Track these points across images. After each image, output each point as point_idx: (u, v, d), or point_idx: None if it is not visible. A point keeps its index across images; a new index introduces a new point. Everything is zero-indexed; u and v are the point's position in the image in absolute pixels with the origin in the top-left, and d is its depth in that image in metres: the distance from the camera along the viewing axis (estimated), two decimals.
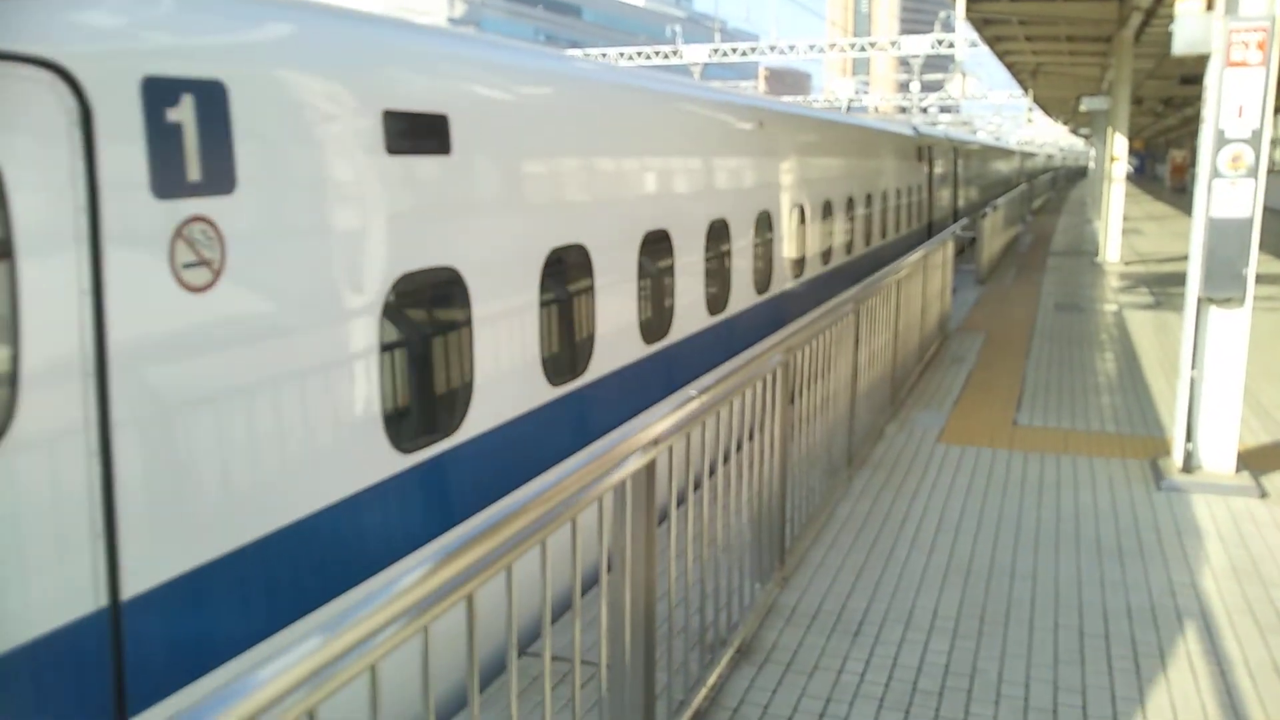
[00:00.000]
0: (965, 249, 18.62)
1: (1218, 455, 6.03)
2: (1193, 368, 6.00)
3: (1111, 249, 18.33)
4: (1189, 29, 5.66)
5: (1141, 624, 4.25)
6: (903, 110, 78.30)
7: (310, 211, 3.60)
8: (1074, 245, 22.09)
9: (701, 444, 3.70)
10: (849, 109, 58.53)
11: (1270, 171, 37.58)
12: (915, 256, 8.44)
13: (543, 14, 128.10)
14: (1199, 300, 5.95)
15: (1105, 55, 24.27)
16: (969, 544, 5.14)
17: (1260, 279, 6.01)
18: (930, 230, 18.47)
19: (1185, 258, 6.13)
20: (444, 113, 4.32)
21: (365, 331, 3.82)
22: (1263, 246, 5.63)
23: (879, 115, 61.90)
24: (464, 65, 4.86)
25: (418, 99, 4.20)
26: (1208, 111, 5.70)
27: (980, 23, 20.77)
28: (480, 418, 4.53)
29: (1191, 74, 18.78)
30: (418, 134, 4.16)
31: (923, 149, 18.20)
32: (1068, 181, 66.58)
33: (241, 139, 3.24)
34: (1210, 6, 5.60)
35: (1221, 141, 5.65)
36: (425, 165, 4.21)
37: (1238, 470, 6.02)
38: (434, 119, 4.27)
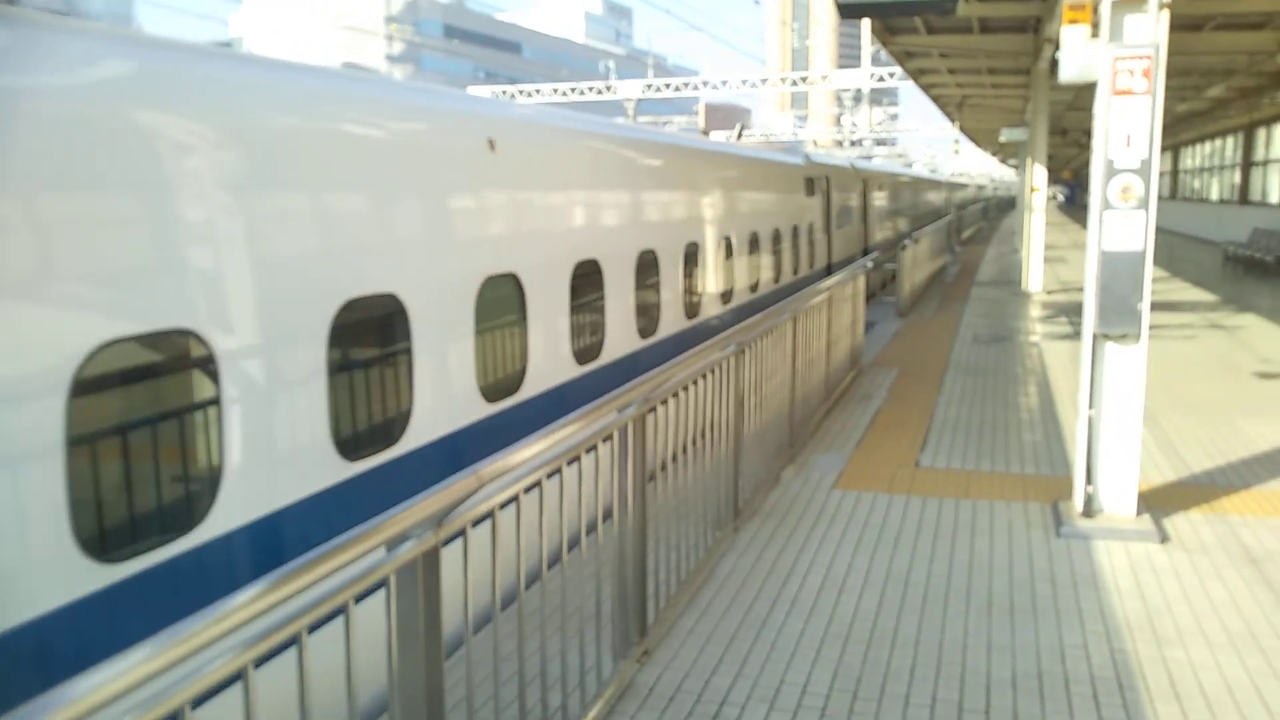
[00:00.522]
0: (888, 282, 18.51)
1: (1118, 498, 5.75)
2: (1090, 407, 5.73)
3: (1034, 278, 18.34)
4: (1074, 57, 5.44)
5: (1025, 694, 3.90)
6: (839, 144, 79.39)
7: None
8: (1000, 275, 22.15)
9: (539, 513, 3.34)
10: (783, 142, 59.09)
11: (1185, 199, 38.56)
12: (820, 293, 8.16)
13: (482, 51, 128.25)
14: (1094, 336, 5.70)
15: (1026, 87, 24.55)
16: (852, 605, 4.77)
17: (1174, 306, 5.77)
18: (830, 272, 15.13)
19: None
20: None
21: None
22: (1178, 273, 5.43)
23: (818, 148, 62.52)
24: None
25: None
26: (1097, 142, 5.48)
27: (902, 55, 20.81)
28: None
29: None
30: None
31: (815, 180, 15.37)
32: (999, 211, 67.66)
33: None
34: (1095, 34, 5.38)
35: (1111, 172, 5.42)
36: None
37: (1139, 513, 5.74)
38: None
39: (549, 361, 6.40)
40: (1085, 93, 24.73)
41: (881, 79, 42.56)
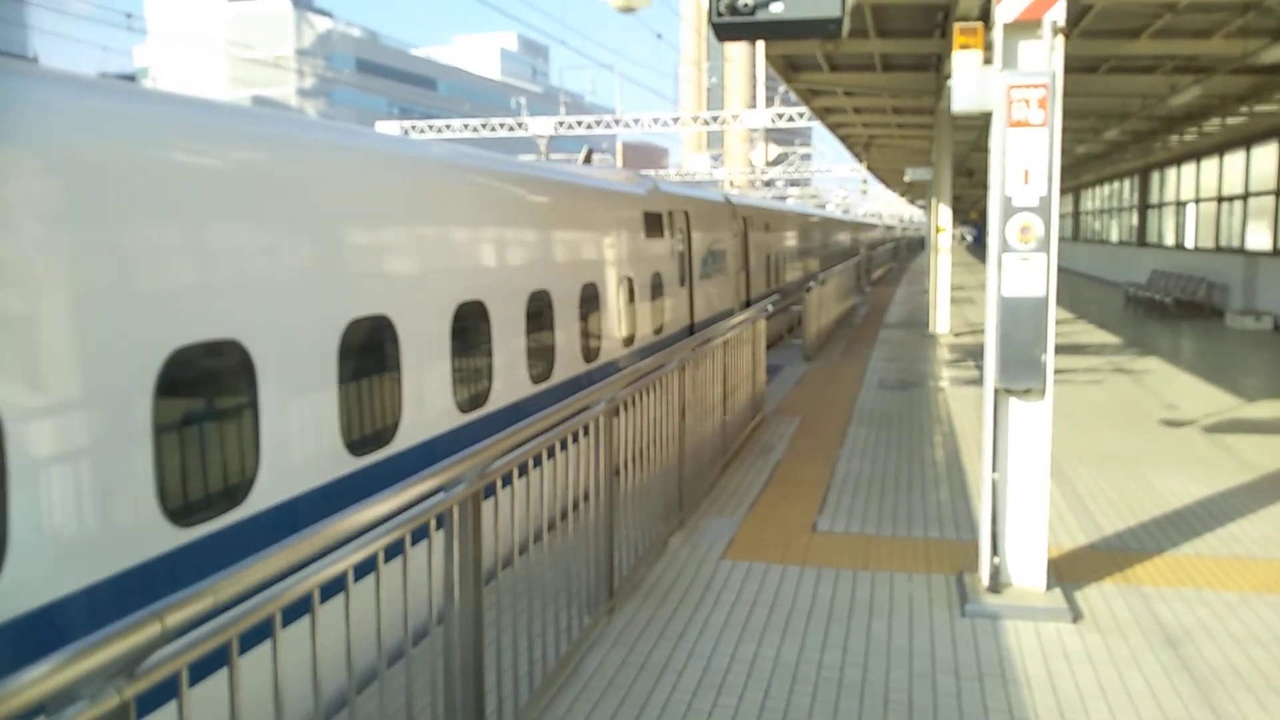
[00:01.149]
0: (795, 325, 18.16)
1: (1026, 570, 5.23)
2: (994, 469, 5.21)
3: (941, 320, 18.17)
4: (966, 84, 4.96)
5: None
6: (752, 184, 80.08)
7: None
8: (909, 316, 22.02)
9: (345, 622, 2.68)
10: (699, 182, 59.24)
11: (1086, 240, 39.46)
12: (714, 339, 7.59)
13: (396, 86, 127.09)
14: (995, 391, 5.20)
15: (931, 128, 24.69)
16: (731, 707, 4.13)
17: (1079, 349, 5.29)
18: (693, 333, 12.08)
19: None
20: None
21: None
22: (1082, 315, 4.97)
23: (733, 188, 62.76)
24: None
25: None
26: (993, 178, 5.01)
27: (807, 94, 20.66)
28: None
29: None
30: None
31: (664, 217, 11.73)
32: (910, 251, 68.78)
33: None
34: (989, 60, 4.93)
35: (1009, 210, 4.94)
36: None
37: (1049, 586, 5.22)
38: None
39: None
40: (989, 134, 25.02)
41: (791, 119, 42.79)
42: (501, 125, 47.85)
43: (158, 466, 3.76)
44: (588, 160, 14.82)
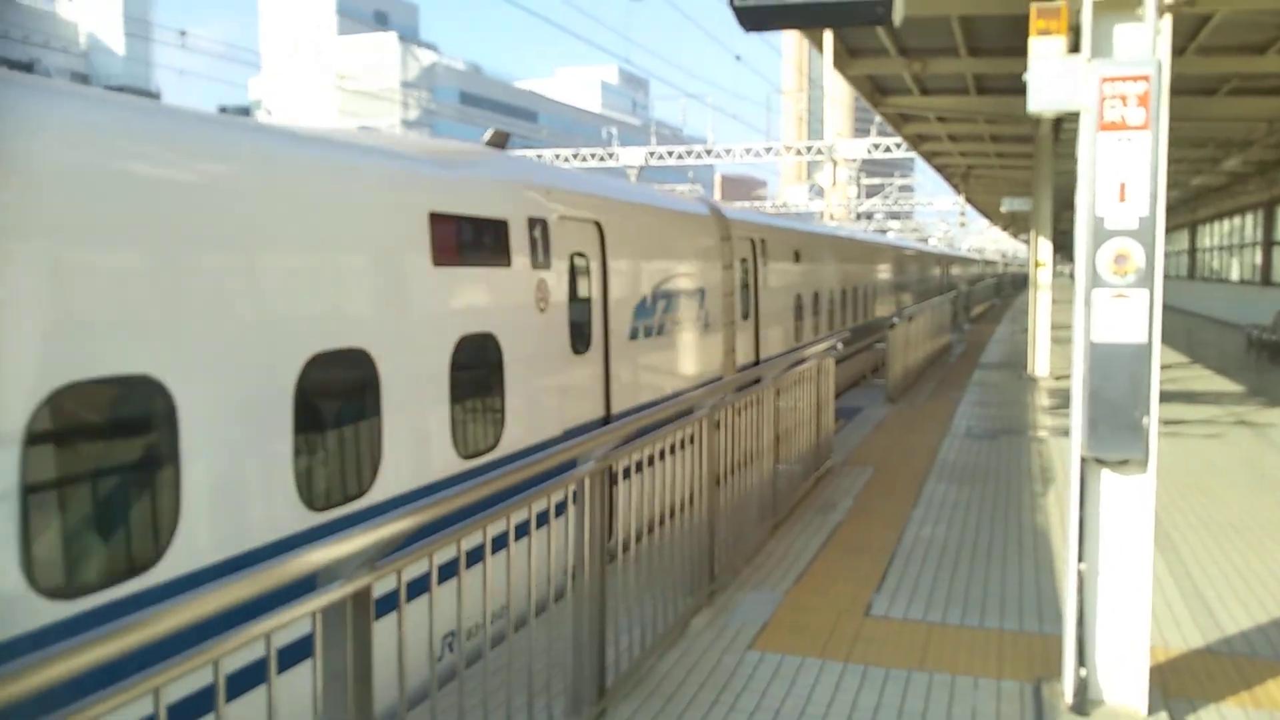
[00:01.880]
0: (881, 364, 17.03)
1: (1122, 685, 4.18)
2: (1080, 559, 4.19)
3: (1040, 362, 16.81)
4: (1046, 78, 4.01)
5: None
6: (858, 218, 78.43)
7: None
8: (1007, 357, 20.62)
9: None
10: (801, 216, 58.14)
11: (1204, 280, 37.08)
12: (757, 379, 6.69)
13: (497, 118, 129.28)
14: (1082, 461, 4.18)
15: (1032, 156, 23.30)
16: None
17: (1193, 397, 4.25)
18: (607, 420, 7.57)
19: None
20: None
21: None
22: (1198, 358, 3.94)
23: (833, 220, 61.19)
24: None
25: None
26: (1081, 195, 4.03)
27: (898, 119, 19.59)
28: None
29: None
30: None
31: (535, 231, 6.62)
32: (1014, 288, 66.25)
33: None
34: (1075, 49, 3.97)
35: (1100, 235, 3.96)
36: None
37: (1152, 709, 4.16)
38: None
39: None
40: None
41: (888, 149, 41.50)
42: (593, 155, 47.70)
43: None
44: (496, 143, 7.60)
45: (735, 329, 10.76)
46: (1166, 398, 4.11)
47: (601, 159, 47.46)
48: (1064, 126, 16.05)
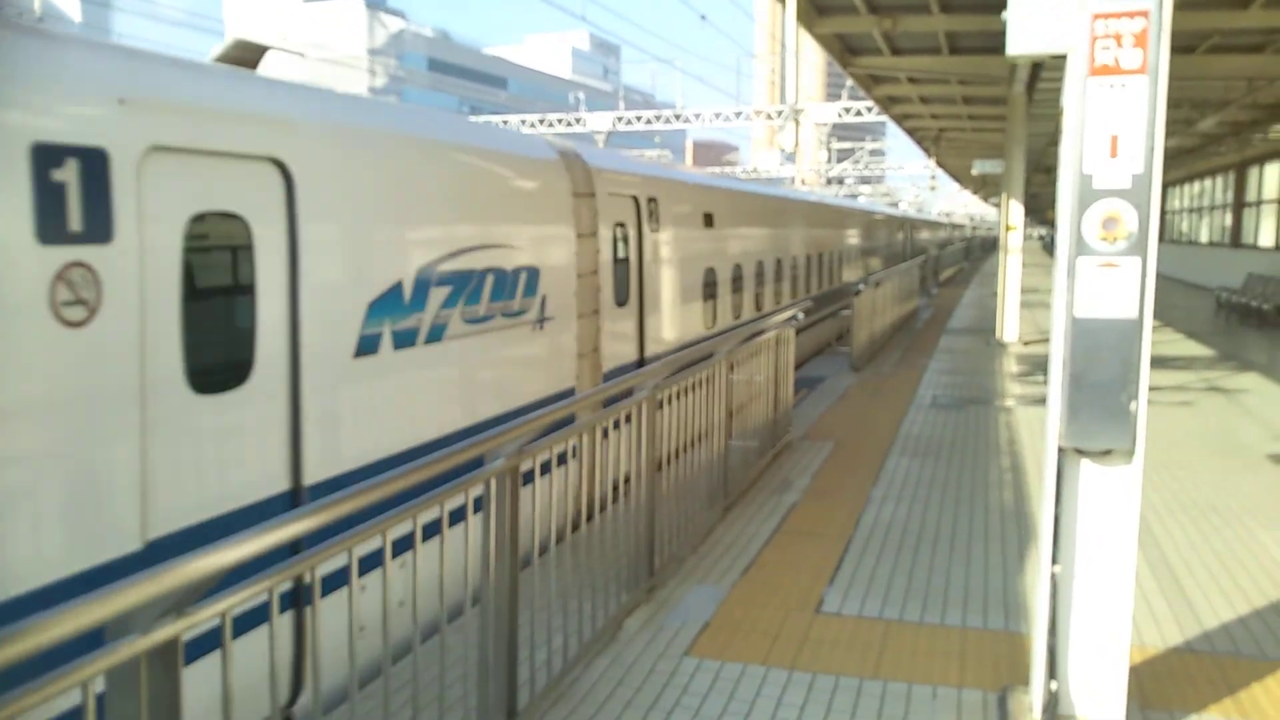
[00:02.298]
0: (845, 331, 16.57)
1: (1096, 700, 3.71)
2: (1054, 560, 3.71)
3: (1009, 327, 16.40)
4: (1027, 17, 3.46)
5: None
6: (830, 183, 77.83)
7: None
8: (975, 322, 20.22)
9: None
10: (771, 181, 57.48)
11: (1173, 242, 36.89)
12: (712, 354, 6.16)
13: (466, 85, 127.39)
14: (1059, 451, 3.69)
15: (1004, 119, 22.81)
16: None
17: (1165, 363, 3.76)
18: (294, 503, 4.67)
19: None
20: None
21: None
22: (1168, 321, 3.45)
23: (805, 186, 60.35)
24: None
25: None
26: (1065, 150, 3.50)
27: (868, 81, 19.03)
28: None
29: None
30: None
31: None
32: (983, 251, 66.08)
33: None
34: None
35: (1088, 196, 3.43)
36: None
37: None
38: None
39: None
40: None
41: (859, 113, 40.91)
42: (560, 121, 46.85)
43: None
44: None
45: (601, 320, 7.92)
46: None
47: (569, 124, 46.64)
48: (1038, 86, 15.54)
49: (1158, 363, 14.21)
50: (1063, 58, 3.47)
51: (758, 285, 13.10)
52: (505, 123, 46.81)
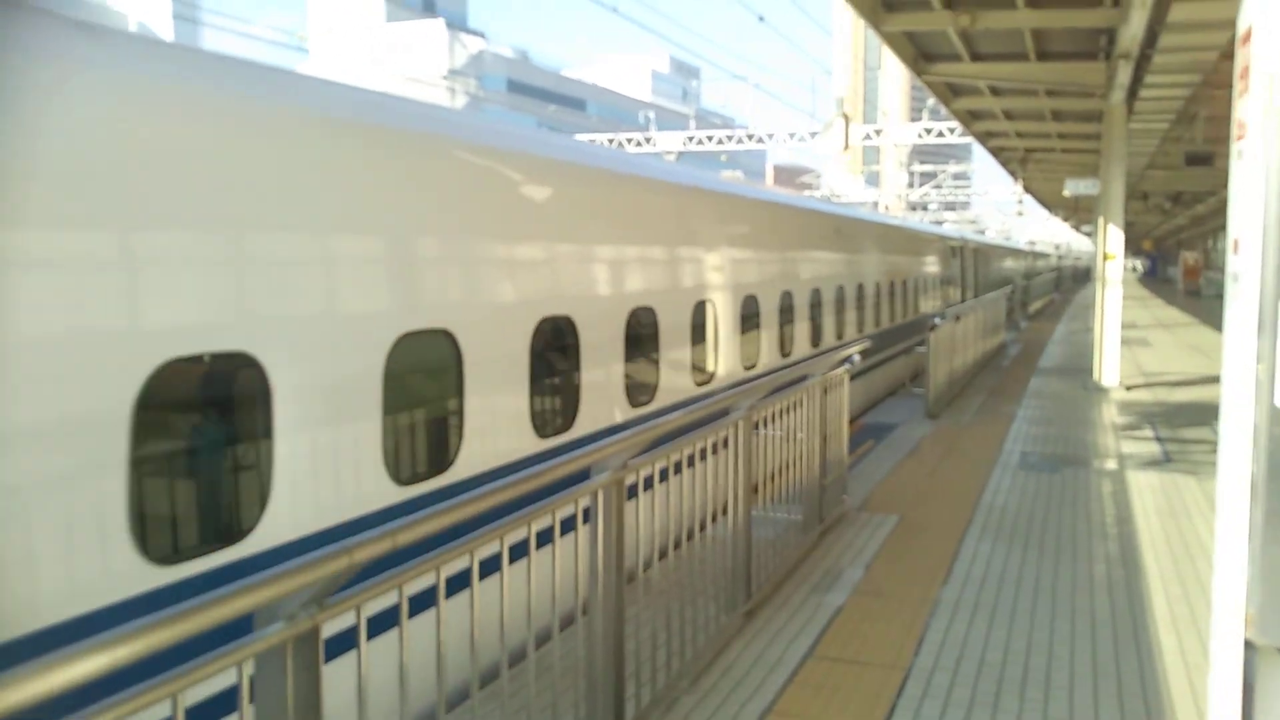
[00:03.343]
0: (921, 372, 14.87)
1: None
2: None
3: (1109, 369, 14.53)
4: None
5: None
6: (913, 208, 75.39)
7: None
8: (1068, 361, 18.31)
9: None
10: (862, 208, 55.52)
11: None
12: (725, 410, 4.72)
13: (545, 106, 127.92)
14: (1248, 648, 2.15)
15: (1098, 139, 20.90)
16: None
17: None
18: None
19: (1204, 379, 2.41)
20: None
21: None
22: None
23: (887, 211, 57.66)
24: None
25: None
26: (1258, 153, 1.99)
27: (946, 91, 17.38)
28: None
29: (1199, 151, 15.26)
30: None
31: None
32: (1074, 282, 63.11)
33: None
34: None
35: None
36: None
37: None
38: None
39: None
40: (1172, 148, 20.98)
41: (941, 134, 39.00)
42: (629, 140, 45.86)
43: None
44: None
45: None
46: None
47: (639, 144, 45.65)
48: (1140, 94, 13.75)
49: None
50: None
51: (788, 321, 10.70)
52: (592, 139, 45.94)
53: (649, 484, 4.04)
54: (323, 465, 4.22)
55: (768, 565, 5.53)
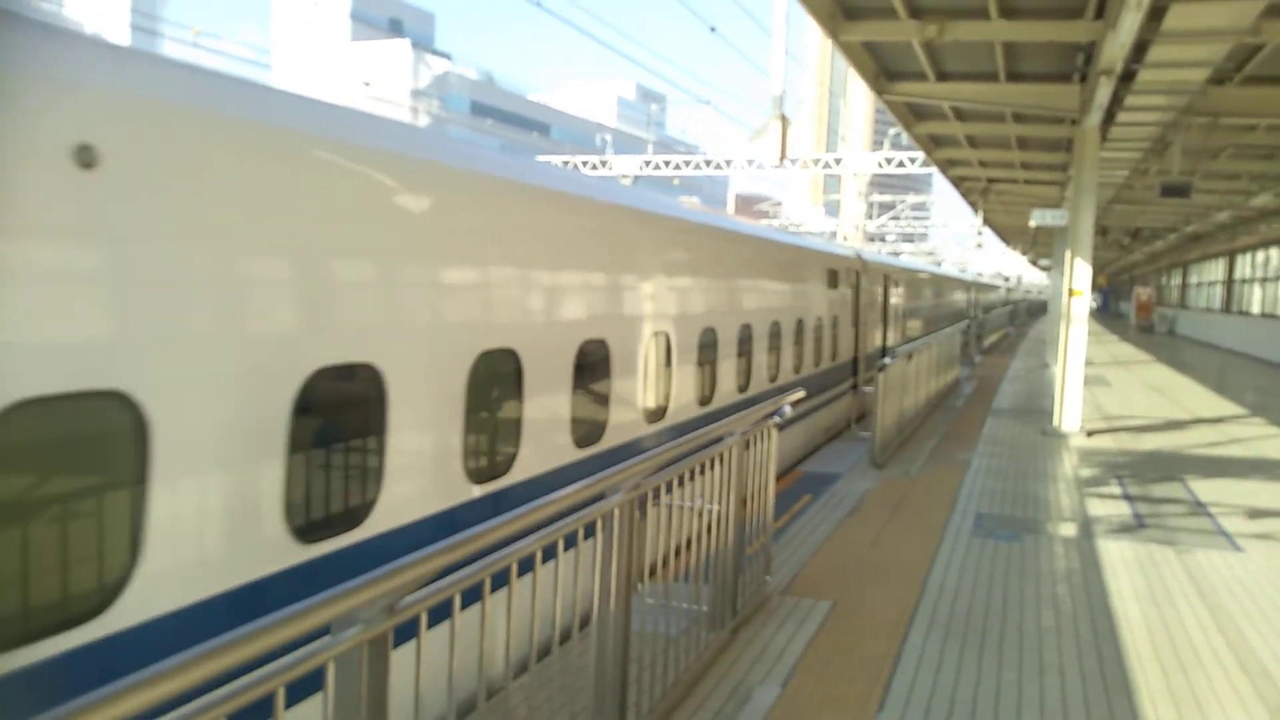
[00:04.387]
0: (866, 415, 13.68)
1: None
2: None
3: (1069, 413, 13.44)
4: None
5: None
6: (871, 239, 74.72)
7: None
8: (1024, 400, 17.26)
9: None
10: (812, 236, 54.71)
11: (1241, 313, 33.58)
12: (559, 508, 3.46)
13: (508, 130, 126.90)
14: None
15: (1064, 170, 20.00)
16: None
17: None
18: None
19: (1169, 424, 1.22)
20: None
21: None
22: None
23: (846, 242, 56.39)
24: None
25: None
26: None
27: (907, 114, 16.36)
28: None
29: (1175, 183, 14.31)
30: None
31: None
32: (1029, 317, 62.74)
33: None
34: None
35: None
36: None
37: None
38: None
39: None
40: (1138, 180, 20.13)
41: (901, 163, 38.25)
42: (585, 164, 44.82)
43: None
44: None
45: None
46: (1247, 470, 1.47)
47: (594, 167, 44.63)
48: (1117, 118, 12.75)
49: (1270, 469, 11.25)
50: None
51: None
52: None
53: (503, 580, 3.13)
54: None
55: (653, 687, 4.25)
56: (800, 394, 6.36)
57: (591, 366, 6.66)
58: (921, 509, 8.70)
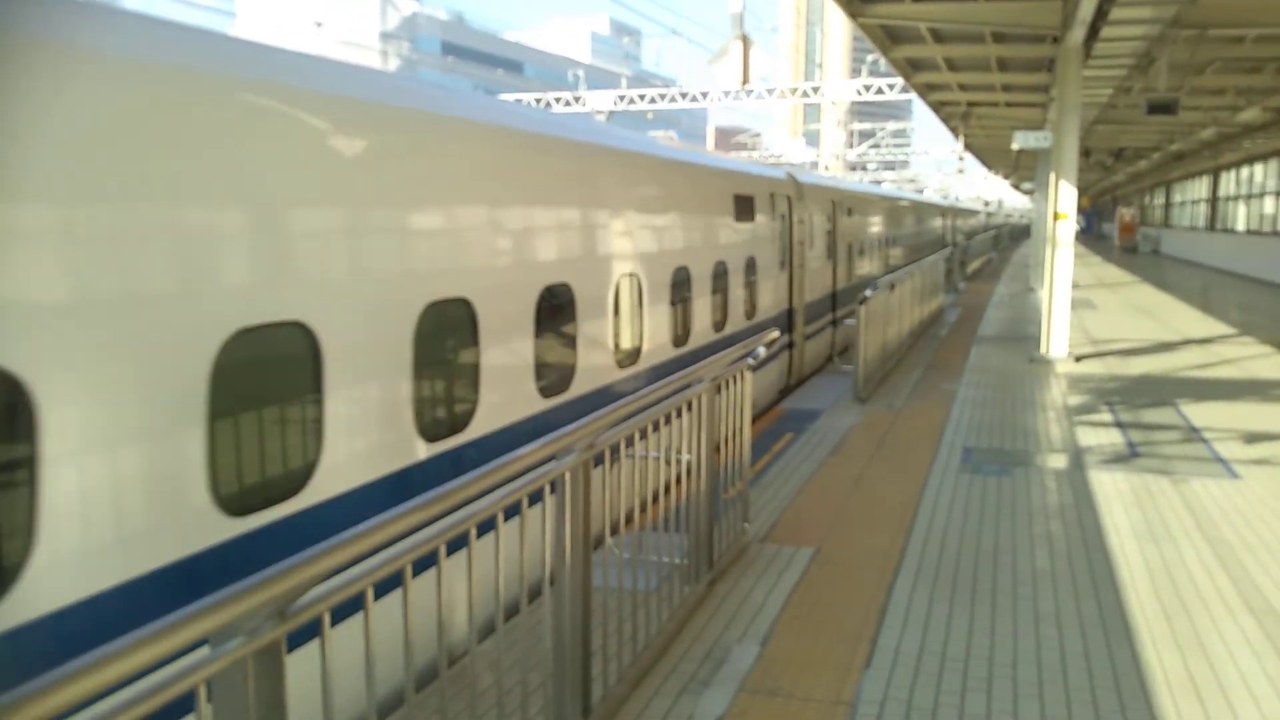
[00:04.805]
0: (849, 349, 13.37)
1: None
2: None
3: (1056, 340, 13.15)
4: None
5: None
6: (853, 168, 73.79)
7: None
8: (1009, 327, 16.97)
9: None
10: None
11: (1224, 230, 33.27)
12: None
13: (481, 70, 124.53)
14: None
15: (1046, 91, 19.48)
16: None
17: None
18: None
19: (1157, 347, 0.89)
20: None
21: None
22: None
23: (827, 171, 55.68)
24: None
25: None
26: None
27: (884, 37, 15.79)
28: None
29: (1162, 100, 13.87)
30: None
31: None
32: (1012, 240, 62.37)
33: None
34: None
35: None
36: None
37: None
38: None
39: None
40: (1122, 99, 19.62)
41: (880, 90, 37.53)
42: (558, 100, 43.81)
43: None
44: None
45: None
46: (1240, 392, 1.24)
47: (568, 103, 43.65)
48: (1101, 34, 12.24)
49: (1264, 389, 10.96)
50: None
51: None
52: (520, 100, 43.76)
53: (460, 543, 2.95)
54: None
55: (620, 653, 3.93)
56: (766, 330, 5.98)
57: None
58: (907, 444, 8.40)
